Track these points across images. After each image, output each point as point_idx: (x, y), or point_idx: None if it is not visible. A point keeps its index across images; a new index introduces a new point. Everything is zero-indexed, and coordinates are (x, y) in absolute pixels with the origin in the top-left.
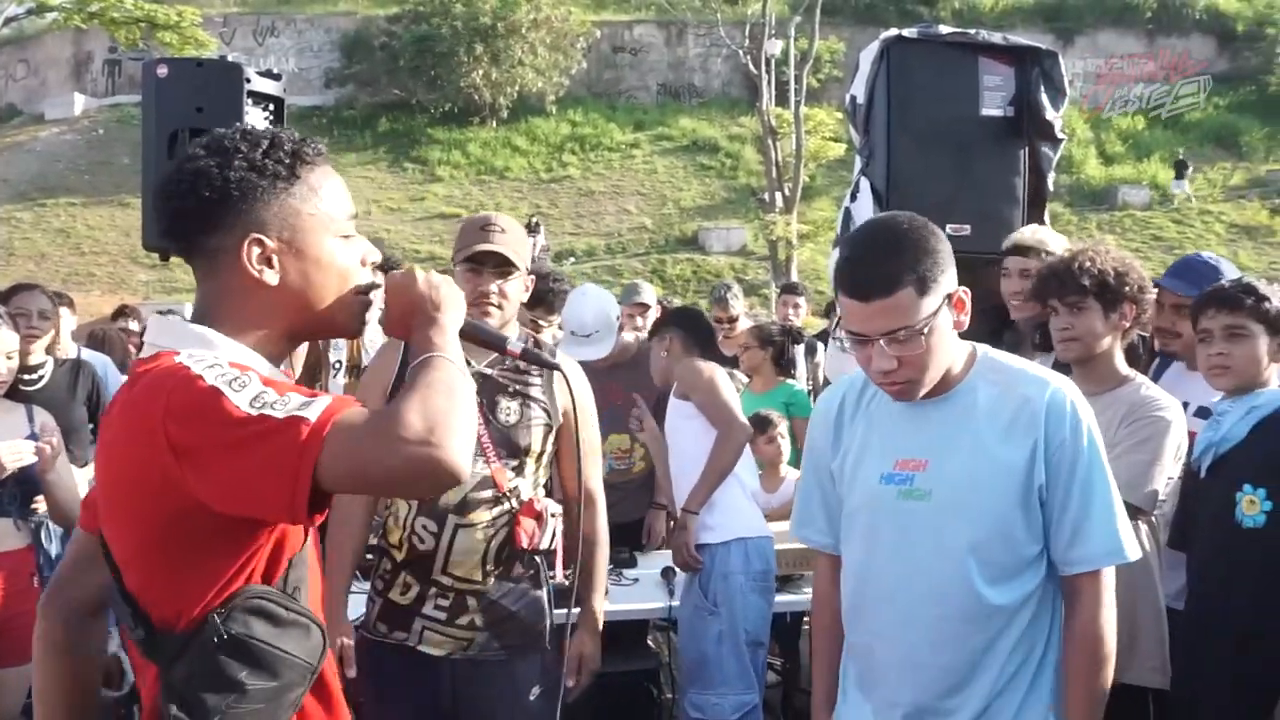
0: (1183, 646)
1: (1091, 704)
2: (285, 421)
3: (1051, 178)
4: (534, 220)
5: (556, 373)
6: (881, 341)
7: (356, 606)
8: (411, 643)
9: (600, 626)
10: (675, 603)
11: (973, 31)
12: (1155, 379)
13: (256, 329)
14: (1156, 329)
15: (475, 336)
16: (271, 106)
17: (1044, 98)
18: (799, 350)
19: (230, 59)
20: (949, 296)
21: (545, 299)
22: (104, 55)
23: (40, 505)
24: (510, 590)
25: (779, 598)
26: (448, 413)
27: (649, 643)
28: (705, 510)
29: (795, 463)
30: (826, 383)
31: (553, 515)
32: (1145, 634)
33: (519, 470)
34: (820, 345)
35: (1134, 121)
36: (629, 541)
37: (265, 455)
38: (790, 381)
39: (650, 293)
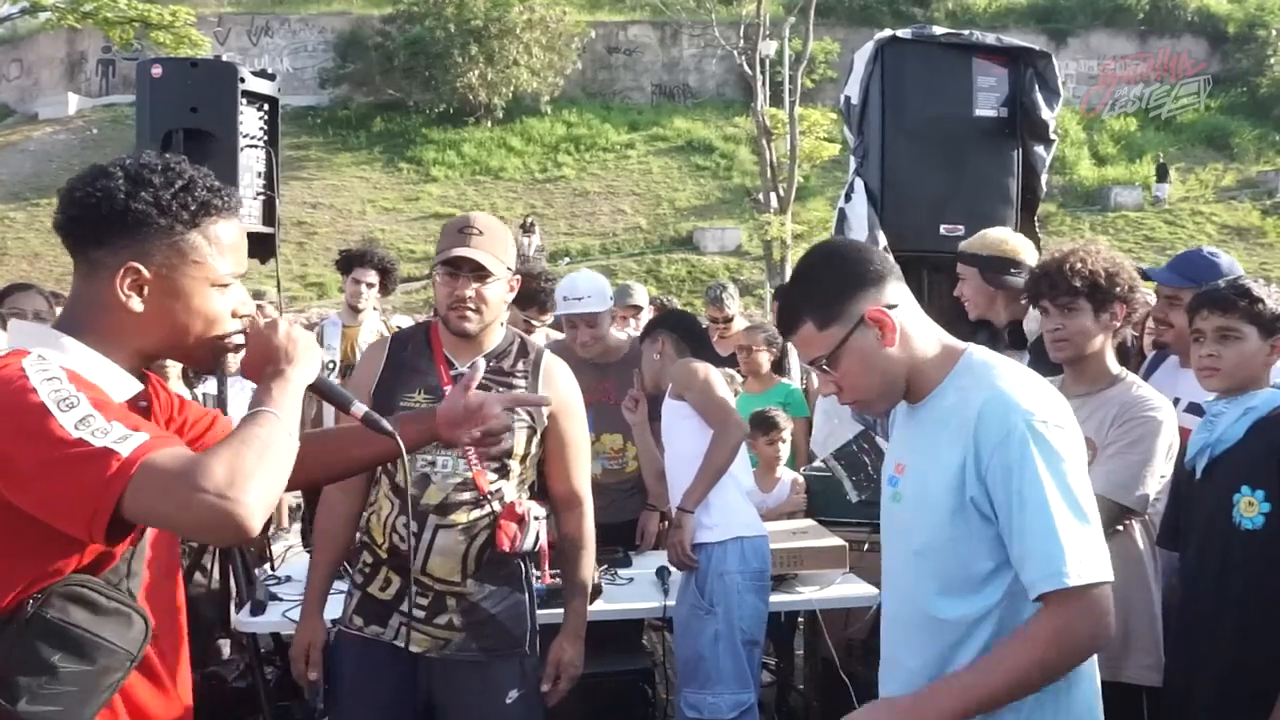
0: (1175, 646)
1: (980, 682)
2: (99, 451)
3: (1044, 178)
4: (529, 220)
5: (544, 370)
6: (815, 369)
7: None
8: (388, 638)
9: (583, 631)
10: (670, 602)
11: (966, 32)
12: (1147, 375)
13: (112, 343)
14: (1153, 319)
15: (324, 394)
16: (266, 106)
17: (1038, 98)
18: (792, 349)
19: (224, 59)
20: (863, 319)
21: (537, 299)
22: (98, 55)
23: None
24: (491, 593)
25: (773, 597)
26: (253, 470)
27: (644, 642)
28: (701, 509)
29: (792, 463)
30: None
31: (536, 518)
32: (1139, 633)
33: (502, 473)
34: None
35: (1126, 123)
36: (623, 542)
37: (74, 479)
38: (786, 381)
39: (642, 294)
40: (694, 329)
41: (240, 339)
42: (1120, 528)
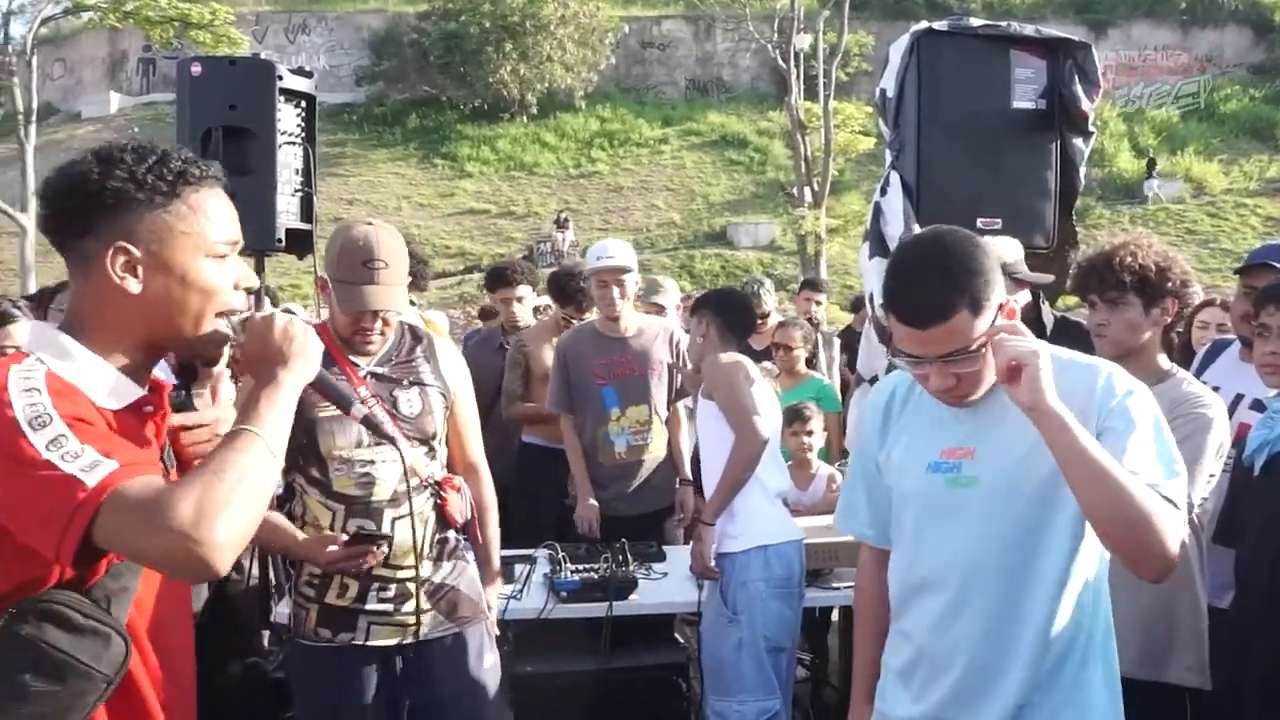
0: (1228, 644)
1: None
2: (65, 478)
3: (1083, 171)
4: (563, 216)
5: (439, 350)
6: (939, 363)
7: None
8: (359, 640)
9: (499, 583)
10: (705, 596)
11: (1004, 24)
12: (1202, 368)
13: (115, 335)
14: (1242, 313)
15: (324, 392)
16: (303, 104)
17: (1077, 90)
18: (820, 343)
19: (263, 57)
20: (1001, 308)
21: (574, 298)
22: (139, 54)
23: None
24: (445, 568)
25: (809, 592)
26: (224, 504)
27: (677, 636)
28: (725, 518)
29: (825, 457)
30: (861, 379)
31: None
32: (1183, 633)
33: (431, 454)
34: (837, 341)
35: (1169, 115)
36: (646, 535)
37: (43, 502)
38: (818, 376)
39: (673, 293)
40: (741, 316)
41: (227, 328)
42: None
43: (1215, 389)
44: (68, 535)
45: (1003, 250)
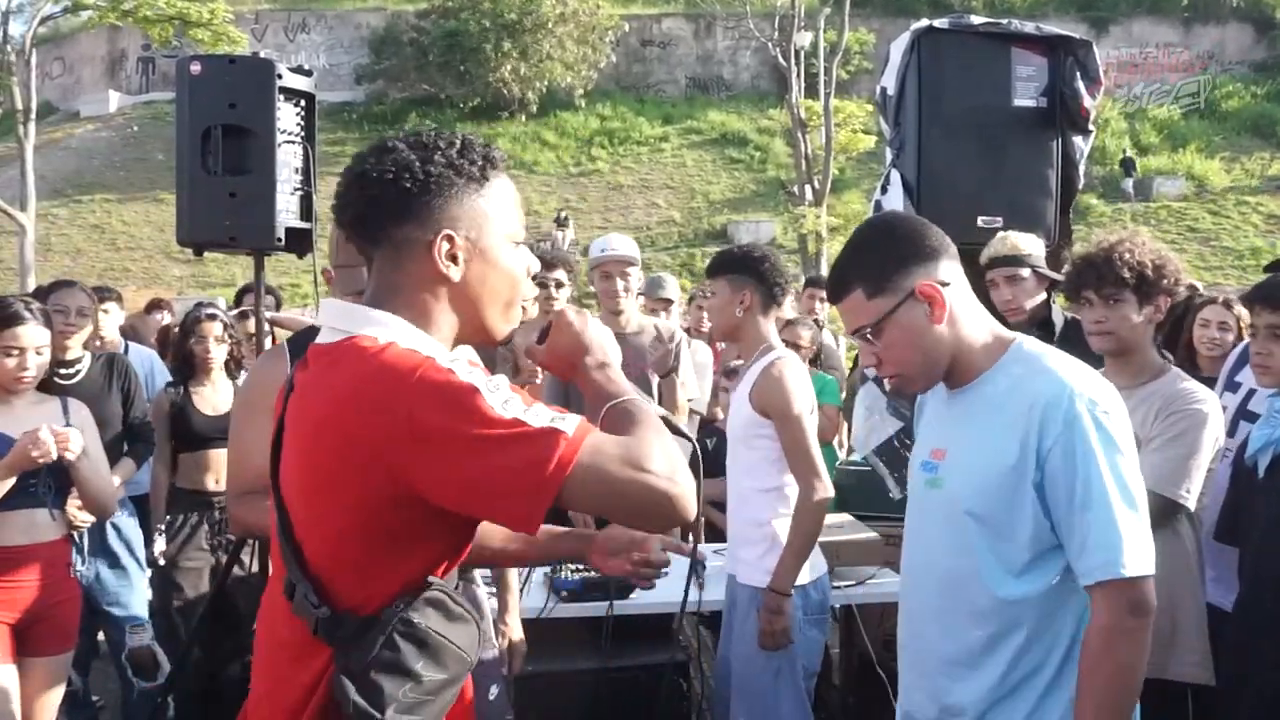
0: (1234, 644)
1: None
2: (541, 431)
3: (1082, 168)
4: (563, 215)
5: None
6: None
7: None
8: None
9: (518, 613)
10: (709, 597)
11: (1005, 21)
12: (1236, 368)
13: (430, 324)
14: None
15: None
16: (303, 102)
17: (1079, 88)
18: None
19: (262, 56)
20: (914, 293)
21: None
22: (138, 53)
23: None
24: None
25: None
26: (679, 458)
27: (679, 636)
28: (766, 551)
29: (832, 455)
30: (866, 377)
31: None
32: (1185, 629)
33: None
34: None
35: (1170, 112)
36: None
37: (516, 461)
38: (822, 374)
39: (674, 287)
40: (781, 281)
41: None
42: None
43: (1252, 392)
44: (546, 492)
45: (1023, 243)
